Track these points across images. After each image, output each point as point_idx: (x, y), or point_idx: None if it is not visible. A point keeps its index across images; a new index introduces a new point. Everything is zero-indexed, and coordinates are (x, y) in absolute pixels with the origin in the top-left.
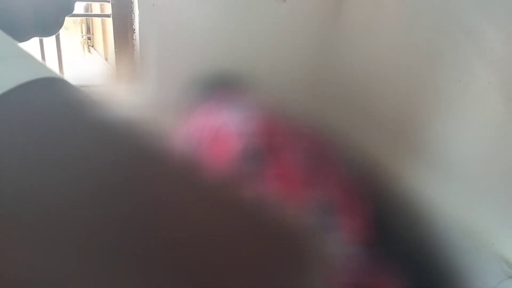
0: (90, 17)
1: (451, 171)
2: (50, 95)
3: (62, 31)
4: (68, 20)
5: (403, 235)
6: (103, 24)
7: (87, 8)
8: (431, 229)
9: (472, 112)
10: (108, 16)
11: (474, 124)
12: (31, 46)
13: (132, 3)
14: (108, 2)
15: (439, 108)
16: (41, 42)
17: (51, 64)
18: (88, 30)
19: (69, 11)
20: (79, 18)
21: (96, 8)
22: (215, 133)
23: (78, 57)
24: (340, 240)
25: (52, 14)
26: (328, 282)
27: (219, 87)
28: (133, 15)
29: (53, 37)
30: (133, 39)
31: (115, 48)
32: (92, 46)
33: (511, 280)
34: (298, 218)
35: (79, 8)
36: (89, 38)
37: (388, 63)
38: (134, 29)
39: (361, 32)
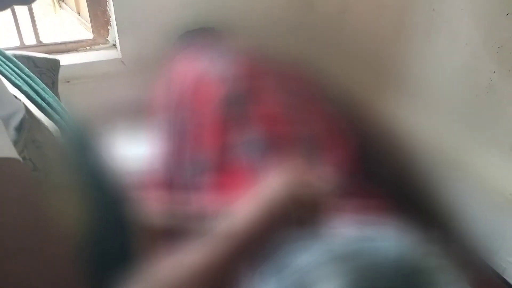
0: None
1: (428, 98)
2: None
3: None
4: None
5: (386, 163)
6: None
7: None
8: (412, 155)
9: (445, 39)
10: None
11: (448, 51)
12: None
13: None
14: None
15: (415, 37)
16: None
17: (24, 23)
18: None
19: None
20: None
21: None
22: (197, 80)
23: (49, 13)
24: (326, 172)
25: None
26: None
27: (199, 33)
28: None
29: None
30: None
31: (87, 0)
32: (63, 1)
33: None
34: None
35: None
36: None
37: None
38: None
39: None
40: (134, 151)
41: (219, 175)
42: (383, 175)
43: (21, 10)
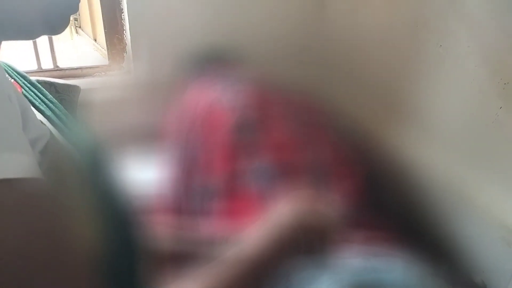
0: None
1: (435, 132)
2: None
3: None
4: None
5: (393, 194)
6: (89, 4)
7: None
8: (420, 187)
9: (453, 74)
10: None
11: (455, 86)
12: None
13: None
14: None
15: (422, 72)
16: None
17: (42, 48)
18: None
19: (74, 10)
20: None
21: None
22: (209, 107)
23: (66, 39)
24: (335, 201)
25: (59, 14)
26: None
27: (211, 62)
28: None
29: None
30: (122, 18)
31: (104, 28)
32: (80, 27)
33: (488, 230)
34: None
35: None
36: (75, 19)
37: (373, 29)
38: (122, 8)
39: (349, 4)
40: (144, 175)
41: (228, 202)
42: (390, 206)
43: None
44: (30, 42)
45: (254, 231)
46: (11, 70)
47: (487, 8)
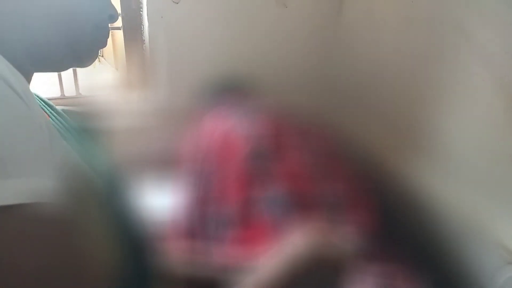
0: None
1: (451, 164)
2: None
3: None
4: None
5: (408, 226)
6: (112, 35)
7: None
8: (434, 219)
9: (469, 107)
10: (118, 28)
11: (471, 119)
12: None
13: (141, 16)
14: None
15: (438, 104)
16: None
17: (66, 76)
18: None
19: (103, 45)
20: None
21: None
22: (224, 136)
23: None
24: (349, 233)
25: (88, 49)
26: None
27: (226, 91)
28: (142, 27)
29: None
30: (143, 49)
31: (126, 58)
32: (102, 56)
33: (510, 266)
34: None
35: None
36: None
37: (388, 61)
38: (144, 40)
39: (361, 33)
40: (160, 202)
41: (242, 230)
42: (405, 237)
43: None
44: None
45: (268, 261)
46: (39, 99)
47: (500, 41)
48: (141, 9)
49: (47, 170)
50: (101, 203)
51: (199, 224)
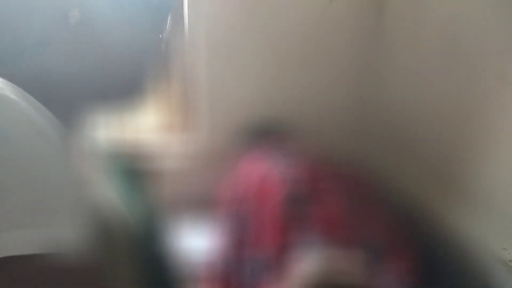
0: None
1: (495, 211)
2: None
3: None
4: None
5: (450, 276)
6: None
7: None
8: (478, 269)
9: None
10: None
11: None
12: None
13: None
14: None
15: (481, 148)
16: None
17: None
18: None
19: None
20: None
21: None
22: (261, 179)
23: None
24: (388, 284)
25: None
26: None
27: (264, 134)
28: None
29: None
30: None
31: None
32: None
33: None
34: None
35: None
36: None
37: (430, 101)
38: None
39: (400, 72)
40: (196, 243)
41: (278, 275)
42: (445, 285)
43: None
44: None
45: None
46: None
47: None
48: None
49: (71, 220)
50: (136, 246)
51: (235, 268)
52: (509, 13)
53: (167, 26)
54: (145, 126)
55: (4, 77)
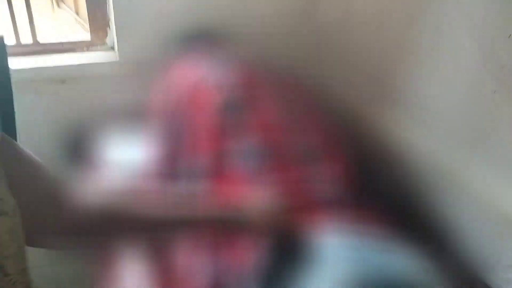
0: None
1: (429, 115)
2: None
3: None
4: None
5: (383, 177)
6: None
7: None
8: (410, 170)
9: (448, 58)
10: None
11: (450, 69)
12: None
13: None
14: None
15: (417, 55)
16: (9, 1)
17: (21, 22)
18: None
19: None
20: None
21: None
22: (194, 86)
23: (47, 13)
24: (324, 186)
25: None
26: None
27: (197, 39)
28: None
29: None
30: None
31: (86, 1)
32: (62, 1)
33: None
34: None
35: None
36: None
37: (368, 10)
38: None
39: None
40: (128, 155)
41: (215, 183)
42: (380, 189)
43: (19, 8)
44: (7, 15)
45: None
46: None
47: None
48: None
49: None
50: None
51: (170, 178)
52: None
53: None
54: (65, 31)
55: None
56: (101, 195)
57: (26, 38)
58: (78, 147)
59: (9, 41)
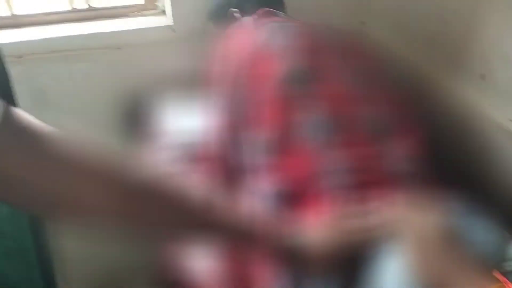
0: None
1: (505, 84)
2: None
3: None
4: None
5: (457, 149)
6: None
7: None
8: (485, 141)
9: None
10: None
11: None
12: None
13: None
14: None
15: (489, 19)
16: None
17: None
18: None
19: None
20: None
21: None
22: (255, 53)
23: None
24: (396, 157)
25: None
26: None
27: (256, 3)
28: None
29: None
30: None
31: None
32: None
33: None
34: None
35: None
36: None
37: None
38: None
39: None
40: (185, 124)
41: (281, 156)
42: (455, 163)
43: None
44: None
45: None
46: None
47: None
48: None
49: None
50: None
51: (231, 149)
52: None
53: None
54: None
55: None
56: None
57: (79, 3)
58: (135, 116)
59: (62, 6)
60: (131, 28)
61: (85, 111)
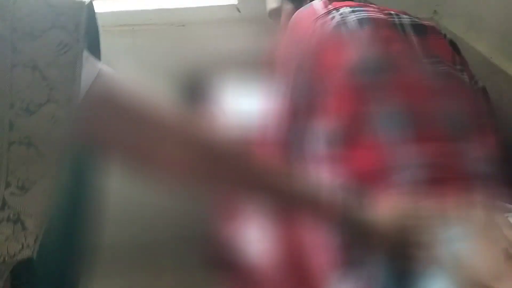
0: None
1: None
2: None
3: None
4: None
5: None
6: None
7: None
8: None
9: None
10: None
11: None
12: None
13: None
14: None
15: None
16: None
17: None
18: None
19: None
20: None
21: None
22: (323, 40)
23: None
24: (473, 156)
25: None
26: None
27: None
28: None
29: None
30: None
31: None
32: None
33: None
34: None
35: None
36: None
37: None
38: None
39: None
40: (247, 105)
41: (349, 149)
42: None
43: None
44: None
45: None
46: None
47: None
48: None
49: None
50: None
51: (292, 138)
52: None
53: None
54: None
55: None
56: None
57: None
58: (195, 94)
59: None
60: (195, 6)
61: (145, 86)
